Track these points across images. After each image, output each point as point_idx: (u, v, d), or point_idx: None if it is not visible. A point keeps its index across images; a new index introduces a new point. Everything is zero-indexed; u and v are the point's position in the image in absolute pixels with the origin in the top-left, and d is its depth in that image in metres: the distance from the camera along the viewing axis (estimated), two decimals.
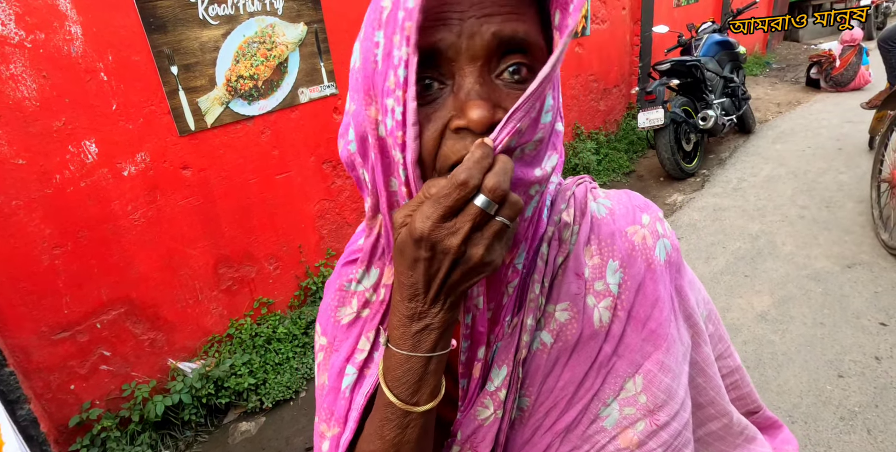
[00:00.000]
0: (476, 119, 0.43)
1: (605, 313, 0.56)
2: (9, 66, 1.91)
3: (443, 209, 0.42)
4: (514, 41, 0.45)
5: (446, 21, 0.44)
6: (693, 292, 0.64)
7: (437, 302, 0.46)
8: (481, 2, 0.44)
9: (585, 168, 4.83)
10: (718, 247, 3.68)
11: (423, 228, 0.42)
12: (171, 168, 2.40)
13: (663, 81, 4.56)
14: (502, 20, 0.44)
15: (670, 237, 0.61)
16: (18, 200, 2.01)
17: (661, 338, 0.57)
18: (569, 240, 0.57)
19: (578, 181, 0.62)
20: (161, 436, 2.44)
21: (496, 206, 0.42)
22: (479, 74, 0.45)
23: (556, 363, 0.56)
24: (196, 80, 2.39)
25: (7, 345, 2.07)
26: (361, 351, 0.58)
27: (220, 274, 2.68)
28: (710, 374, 0.65)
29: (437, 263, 0.43)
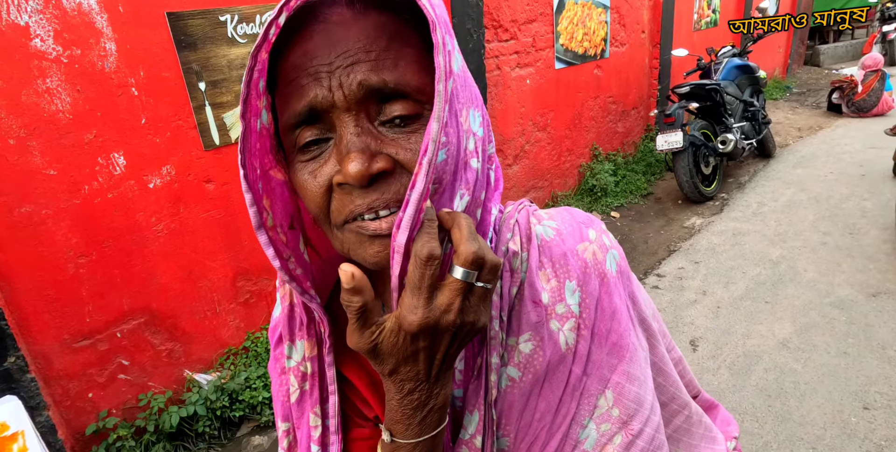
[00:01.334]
0: (352, 173, 0.42)
1: (570, 334, 0.55)
2: (45, 80, 1.94)
3: (426, 292, 0.41)
4: (387, 90, 0.44)
5: (317, 75, 0.43)
6: (641, 294, 0.63)
7: (438, 382, 0.46)
8: (346, 50, 0.43)
9: (603, 189, 4.76)
10: (738, 272, 3.56)
11: (418, 320, 0.41)
12: (194, 181, 2.41)
13: (682, 104, 4.51)
14: (369, 68, 0.43)
15: (617, 247, 0.60)
16: (48, 209, 2.03)
17: (623, 349, 0.56)
18: (519, 268, 0.55)
19: (519, 207, 0.60)
20: (175, 447, 2.40)
21: (475, 273, 0.41)
22: (355, 124, 0.44)
23: (530, 395, 0.54)
24: (222, 96, 2.41)
25: (30, 351, 2.07)
26: (316, 428, 0.57)
27: (239, 287, 2.67)
28: (668, 371, 0.65)
29: (436, 345, 0.43)
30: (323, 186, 0.45)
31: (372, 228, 0.45)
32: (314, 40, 0.44)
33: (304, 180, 0.46)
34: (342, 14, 0.45)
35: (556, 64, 4.37)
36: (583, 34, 4.55)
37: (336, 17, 0.44)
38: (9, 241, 1.96)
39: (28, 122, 1.93)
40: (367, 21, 0.45)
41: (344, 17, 0.44)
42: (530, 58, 4.10)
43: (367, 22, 0.45)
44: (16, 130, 1.91)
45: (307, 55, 0.44)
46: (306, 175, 0.46)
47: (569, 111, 4.64)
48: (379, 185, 0.44)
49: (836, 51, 10.50)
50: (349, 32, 0.44)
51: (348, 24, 0.44)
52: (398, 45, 0.45)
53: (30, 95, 1.92)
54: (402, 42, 0.45)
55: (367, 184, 0.43)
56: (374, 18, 0.45)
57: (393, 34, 0.45)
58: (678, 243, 4.04)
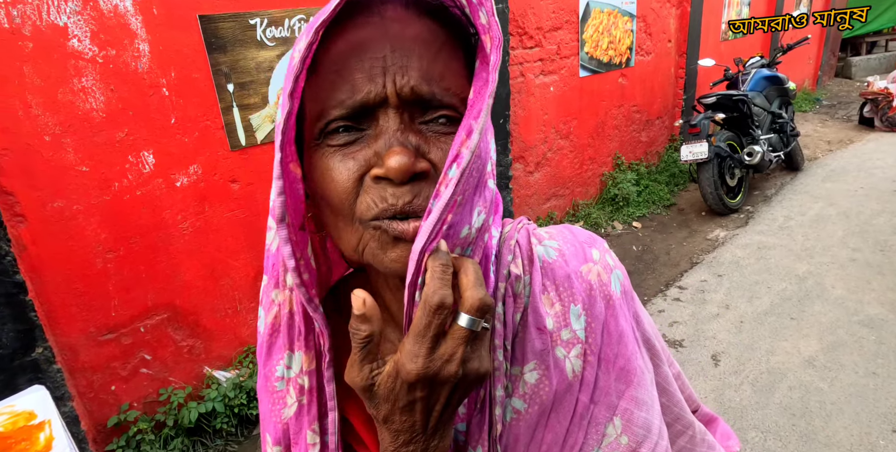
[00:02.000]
0: (395, 167, 0.40)
1: (576, 361, 0.52)
2: (81, 79, 1.98)
3: (430, 342, 0.38)
4: (434, 100, 0.43)
5: (370, 70, 0.42)
6: (643, 314, 0.60)
7: (435, 434, 0.42)
8: (401, 49, 0.42)
9: (625, 199, 4.69)
10: (763, 286, 3.46)
11: (416, 369, 0.38)
12: (220, 181, 2.44)
13: (708, 114, 4.42)
14: (421, 75, 0.42)
15: (620, 267, 0.57)
16: (79, 204, 2.07)
17: (630, 373, 0.54)
18: (522, 293, 0.52)
19: (518, 226, 0.57)
20: (193, 443, 2.42)
21: (481, 320, 0.39)
22: (401, 120, 0.42)
23: (537, 427, 0.51)
24: (250, 97, 2.43)
25: (57, 343, 2.10)
26: (314, 445, 0.51)
27: (259, 286, 2.68)
28: (672, 391, 0.62)
29: (435, 396, 0.40)
30: (354, 175, 0.43)
31: (399, 229, 0.42)
32: (367, 32, 0.42)
33: (331, 167, 0.43)
34: (398, 12, 0.43)
35: (581, 72, 4.32)
36: (608, 42, 4.50)
37: (392, 12, 0.43)
38: (41, 235, 2.00)
39: (63, 119, 1.97)
40: (422, 24, 0.44)
41: (400, 15, 0.43)
42: (554, 65, 4.07)
43: (422, 25, 0.44)
44: (51, 127, 1.95)
45: (360, 46, 0.42)
46: (336, 162, 0.43)
47: (592, 119, 4.58)
48: (415, 185, 0.42)
49: (868, 63, 10.22)
50: (405, 32, 0.43)
51: (404, 22, 0.43)
52: (447, 56, 0.44)
53: (66, 94, 1.96)
54: (451, 53, 0.45)
55: (406, 181, 0.41)
56: (427, 23, 0.44)
57: (444, 43, 0.44)
58: (701, 256, 3.95)
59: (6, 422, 1.30)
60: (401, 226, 0.42)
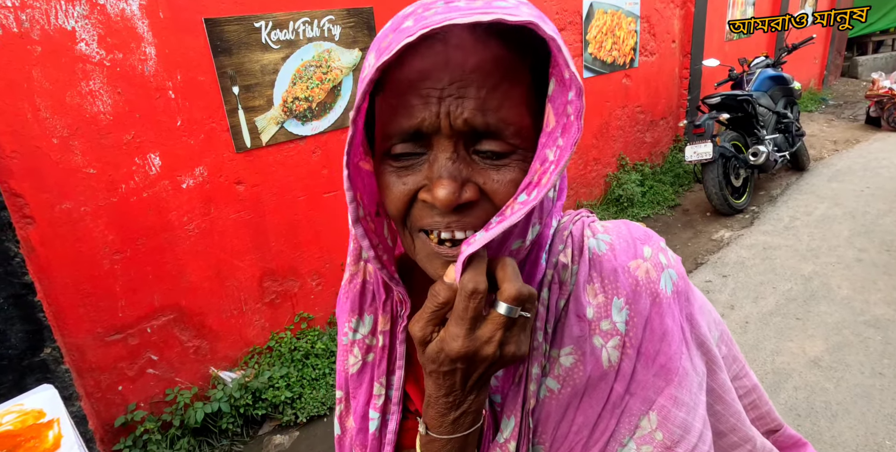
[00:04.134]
0: (441, 199, 0.44)
1: (613, 352, 0.54)
2: (88, 82, 2.00)
3: (468, 323, 0.44)
4: (488, 131, 0.44)
5: (427, 98, 0.44)
6: (704, 317, 0.60)
7: (472, 392, 0.48)
8: (460, 79, 0.43)
9: (629, 200, 4.68)
10: (768, 287, 3.44)
11: (458, 348, 0.44)
12: (226, 183, 2.45)
13: (713, 114, 4.40)
14: (476, 106, 0.43)
15: (675, 266, 0.58)
16: (87, 206, 2.09)
17: (671, 372, 0.55)
18: (568, 281, 0.55)
19: (576, 218, 0.60)
20: (199, 443, 2.43)
21: (518, 308, 0.44)
22: (452, 150, 0.45)
23: (568, 407, 0.54)
24: (255, 100, 2.45)
25: (65, 343, 2.12)
26: (379, 396, 0.59)
27: (265, 287, 2.70)
28: (729, 400, 0.61)
29: (473, 368, 0.46)
30: (407, 194, 0.47)
31: (449, 254, 0.47)
32: (430, 60, 0.43)
33: (390, 183, 0.47)
34: (462, 37, 0.43)
35: (584, 73, 4.32)
36: (612, 43, 4.50)
37: (456, 39, 0.43)
38: (49, 236, 2.02)
39: (71, 122, 1.99)
40: (486, 51, 0.44)
41: (464, 41, 0.43)
42: None
43: (486, 52, 0.44)
44: (59, 129, 1.97)
45: (421, 74, 0.43)
46: (394, 179, 0.47)
47: (596, 120, 4.58)
48: (459, 213, 0.46)
49: (875, 63, 10.15)
50: (467, 60, 0.43)
51: (467, 50, 0.43)
52: (508, 85, 0.44)
53: (73, 97, 1.98)
54: (513, 81, 0.45)
55: (447, 210, 0.45)
56: (493, 50, 0.44)
57: (506, 71, 0.44)
58: (706, 256, 3.93)
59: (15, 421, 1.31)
60: (449, 252, 0.47)
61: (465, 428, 0.49)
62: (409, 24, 0.43)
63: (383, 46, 0.43)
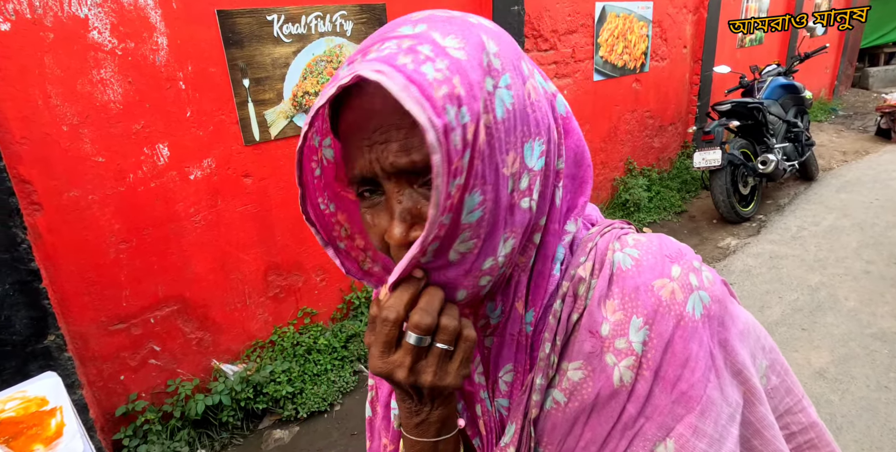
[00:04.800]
0: (395, 240, 0.46)
1: (626, 372, 0.52)
2: (100, 70, 1.99)
3: (381, 346, 0.46)
4: (417, 168, 0.45)
5: (360, 148, 0.46)
6: (744, 344, 0.55)
7: (425, 404, 0.49)
8: (380, 126, 0.45)
9: (636, 204, 4.64)
10: (774, 296, 3.39)
11: (372, 366, 0.46)
12: (233, 175, 2.44)
13: (722, 121, 4.36)
14: (399, 148, 0.44)
15: (709, 288, 0.53)
16: (94, 195, 2.07)
17: (693, 400, 0.51)
18: (584, 295, 0.53)
19: (605, 229, 0.57)
20: (199, 435, 2.41)
21: (429, 338, 0.45)
22: (397, 190, 0.46)
23: (576, 422, 0.53)
24: (265, 93, 2.43)
25: (69, 331, 2.10)
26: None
27: (269, 281, 2.68)
28: (768, 437, 0.57)
29: (402, 389, 0.48)
30: (381, 234, 0.49)
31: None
32: (356, 112, 0.46)
33: (367, 224, 0.50)
34: (374, 84, 0.43)
35: (595, 76, 4.28)
36: (623, 47, 4.46)
37: (370, 87, 0.44)
38: (56, 223, 2.01)
39: (81, 110, 1.98)
40: None
41: (376, 88, 0.43)
42: (569, 69, 4.04)
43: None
44: (69, 117, 1.96)
45: (351, 126, 0.46)
46: (368, 220, 0.50)
47: (605, 124, 4.54)
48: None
49: (886, 74, 10.05)
50: (385, 106, 0.44)
51: (380, 96, 0.44)
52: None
53: (84, 85, 1.97)
54: None
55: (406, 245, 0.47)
56: None
57: None
58: (711, 264, 3.89)
59: (18, 407, 1.30)
60: None
61: (430, 435, 0.50)
62: (343, 72, 0.44)
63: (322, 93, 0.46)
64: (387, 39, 0.45)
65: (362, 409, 2.60)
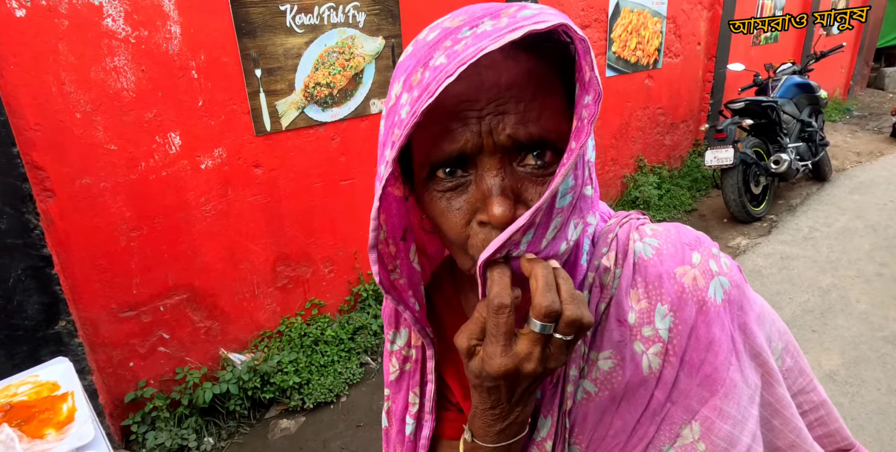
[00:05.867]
0: (497, 216, 0.43)
1: (654, 359, 0.53)
2: (113, 58, 1.98)
3: (502, 340, 0.42)
4: (532, 143, 0.44)
5: (466, 120, 0.44)
6: (761, 327, 0.57)
7: (518, 404, 0.47)
8: (497, 97, 0.43)
9: (646, 202, 4.59)
10: (784, 297, 3.34)
11: (496, 367, 0.42)
12: (244, 165, 2.42)
13: (735, 120, 4.29)
14: (517, 120, 0.43)
15: (728, 274, 0.55)
16: (106, 182, 2.07)
17: (717, 383, 0.53)
18: (610, 285, 0.54)
19: (623, 220, 0.58)
20: (206, 423, 2.42)
21: (552, 324, 0.42)
22: (499, 167, 0.45)
23: (606, 411, 0.54)
24: (277, 84, 2.41)
25: (79, 317, 2.11)
26: (414, 405, 0.62)
27: (278, 272, 2.67)
28: (787, 416, 0.58)
29: (517, 384, 0.45)
30: (463, 220, 0.47)
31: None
32: (464, 84, 0.43)
33: (444, 210, 0.47)
34: (492, 56, 0.43)
35: (607, 71, 4.23)
36: (636, 43, 4.40)
37: (486, 59, 0.43)
38: (68, 210, 2.01)
39: (94, 97, 1.98)
40: (517, 66, 0.44)
41: (494, 60, 0.43)
42: None
43: (517, 67, 0.44)
44: (83, 104, 1.96)
45: (458, 99, 0.44)
46: (446, 205, 0.47)
47: (616, 120, 4.49)
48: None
49: None
50: (500, 78, 0.43)
51: (498, 68, 0.43)
52: (544, 95, 0.45)
53: (98, 72, 1.96)
54: (548, 90, 0.45)
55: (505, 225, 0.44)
56: (523, 63, 0.44)
57: (540, 82, 0.45)
58: None
59: (30, 392, 1.29)
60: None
61: (510, 437, 0.49)
62: (442, 60, 0.42)
63: (415, 83, 0.43)
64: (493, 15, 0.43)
65: (368, 401, 2.59)
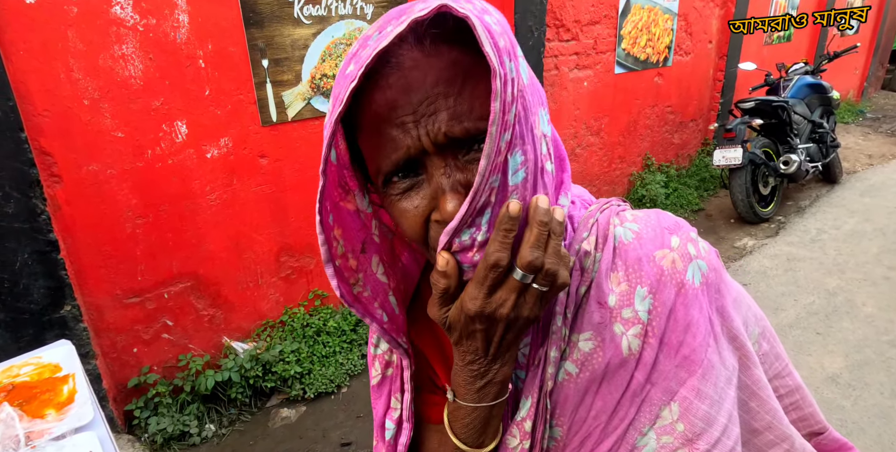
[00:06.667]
0: (449, 212, 0.45)
1: (634, 340, 0.53)
2: (121, 46, 1.98)
3: (486, 289, 0.45)
4: (470, 134, 0.44)
5: (404, 126, 0.44)
6: (738, 311, 0.58)
7: (496, 361, 0.50)
8: (426, 98, 0.44)
9: (653, 200, 4.55)
10: (789, 298, 3.30)
11: (474, 307, 0.45)
12: (249, 155, 2.43)
13: (745, 119, 4.23)
14: (450, 116, 0.44)
15: (706, 257, 0.56)
16: (113, 169, 2.08)
17: (695, 364, 0.53)
18: (590, 269, 0.54)
19: (604, 206, 0.59)
20: (208, 410, 2.43)
21: (531, 276, 0.44)
22: (445, 165, 0.46)
23: (587, 392, 0.54)
24: (283, 74, 2.41)
25: (84, 302, 2.13)
26: (395, 409, 0.63)
27: (281, 262, 2.68)
28: (764, 397, 0.59)
29: (491, 330, 0.47)
30: (421, 217, 0.48)
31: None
32: (393, 90, 0.44)
33: (402, 211, 0.49)
34: (414, 57, 0.44)
35: (616, 68, 4.19)
36: (646, 40, 4.35)
37: (409, 61, 0.44)
38: (75, 196, 2.02)
39: (102, 85, 1.98)
40: (440, 61, 0.44)
41: (416, 61, 0.44)
42: (590, 60, 3.95)
43: (440, 62, 0.44)
44: (90, 91, 1.96)
45: (389, 105, 0.44)
46: (405, 205, 0.48)
47: (624, 117, 4.45)
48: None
49: None
50: (425, 78, 0.44)
51: (422, 67, 0.44)
52: (472, 84, 0.45)
53: (106, 60, 1.97)
54: (475, 78, 0.45)
55: None
56: (445, 57, 0.44)
57: (466, 71, 0.44)
58: (727, 264, 3.79)
59: (32, 373, 1.30)
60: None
61: (490, 398, 0.51)
62: (351, 68, 0.44)
63: (335, 94, 0.45)
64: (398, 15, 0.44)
65: (368, 392, 2.59)
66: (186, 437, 2.30)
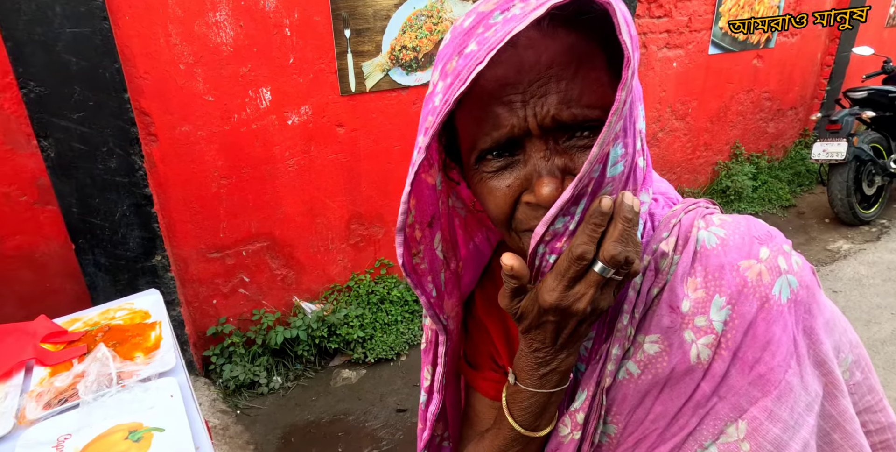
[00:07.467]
0: (545, 196, 0.44)
1: (704, 350, 0.50)
2: (215, 13, 2.03)
3: (566, 281, 0.44)
4: (577, 120, 0.43)
5: (511, 104, 0.44)
6: (830, 335, 0.53)
7: (562, 350, 0.49)
8: (538, 78, 0.43)
9: (738, 193, 4.18)
10: (885, 311, 2.93)
11: (551, 299, 0.44)
12: (327, 124, 2.45)
13: (854, 110, 3.75)
14: (560, 100, 0.43)
15: (798, 273, 0.51)
16: (203, 131, 2.17)
17: (770, 384, 0.50)
18: (666, 270, 0.52)
19: (690, 207, 0.56)
20: (276, 363, 2.54)
21: (612, 270, 0.43)
22: (546, 147, 0.45)
23: (647, 394, 0.52)
24: (364, 45, 2.39)
25: (173, 254, 2.26)
26: (426, 379, 0.64)
27: (351, 229, 2.71)
28: (850, 431, 0.54)
29: (564, 323, 0.46)
30: (511, 196, 0.47)
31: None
32: (504, 67, 0.43)
33: (493, 188, 0.48)
34: (530, 36, 0.43)
35: (710, 49, 3.83)
36: (748, 17, 3.93)
37: (524, 40, 0.43)
38: (169, 155, 2.13)
39: (196, 50, 2.05)
40: (556, 44, 0.43)
41: (533, 40, 0.43)
42: (682, 39, 3.63)
43: (556, 45, 0.43)
44: (186, 56, 2.04)
45: (498, 82, 0.44)
46: (495, 184, 0.47)
47: (714, 102, 4.09)
48: None
49: None
50: (539, 58, 0.43)
51: (537, 47, 0.43)
52: (586, 70, 0.44)
53: (201, 26, 2.03)
54: (590, 65, 0.44)
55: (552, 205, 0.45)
56: (562, 40, 0.43)
57: (581, 57, 0.43)
58: (816, 267, 3.43)
59: (125, 317, 1.38)
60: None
61: (551, 386, 0.50)
62: (473, 47, 0.42)
63: (450, 70, 0.44)
64: None
65: None
66: (256, 386, 2.42)
